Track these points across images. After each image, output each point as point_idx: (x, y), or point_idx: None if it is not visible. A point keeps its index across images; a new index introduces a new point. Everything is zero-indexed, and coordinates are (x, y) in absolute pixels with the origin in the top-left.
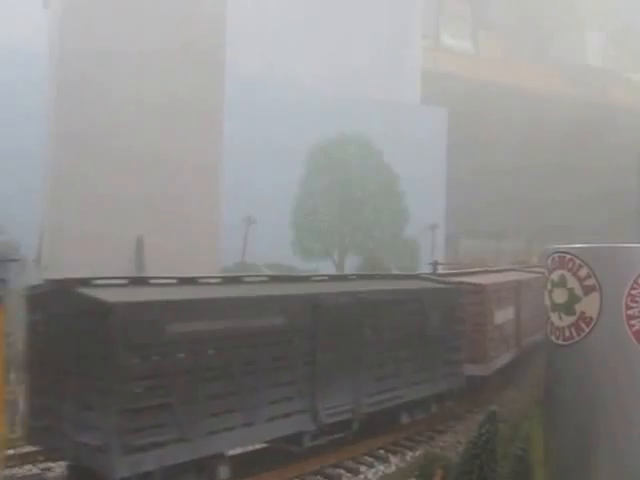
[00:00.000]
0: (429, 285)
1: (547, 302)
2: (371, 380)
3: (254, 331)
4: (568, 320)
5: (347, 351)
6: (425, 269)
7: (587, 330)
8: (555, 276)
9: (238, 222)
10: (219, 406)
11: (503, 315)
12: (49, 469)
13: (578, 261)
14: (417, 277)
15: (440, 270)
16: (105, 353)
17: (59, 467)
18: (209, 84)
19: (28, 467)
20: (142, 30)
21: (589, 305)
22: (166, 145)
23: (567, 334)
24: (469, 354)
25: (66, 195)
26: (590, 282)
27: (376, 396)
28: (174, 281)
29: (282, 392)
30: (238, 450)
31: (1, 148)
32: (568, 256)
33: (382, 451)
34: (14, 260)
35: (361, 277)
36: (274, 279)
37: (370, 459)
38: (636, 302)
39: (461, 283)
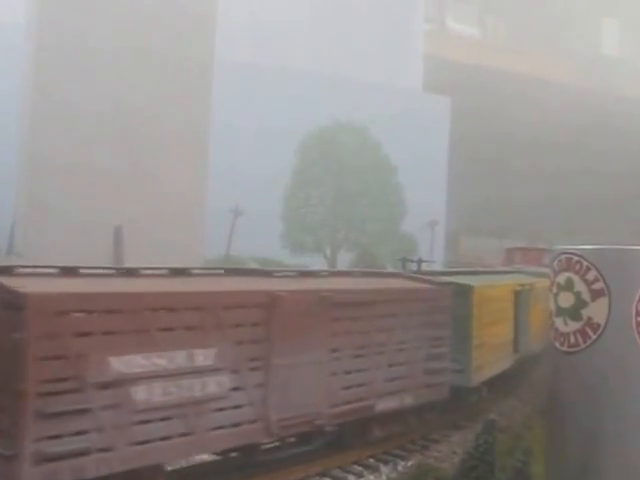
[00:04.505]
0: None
1: (552, 306)
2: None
3: None
4: (574, 326)
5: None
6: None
7: (594, 337)
8: (561, 279)
9: (225, 212)
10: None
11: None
12: None
13: (586, 263)
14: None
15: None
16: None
17: None
18: (198, 59)
19: None
20: None
21: (597, 310)
22: (151, 123)
23: (572, 340)
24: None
25: (42, 181)
26: (598, 286)
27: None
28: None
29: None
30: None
31: None
32: (575, 258)
33: (372, 460)
34: None
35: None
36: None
37: (359, 468)
38: None
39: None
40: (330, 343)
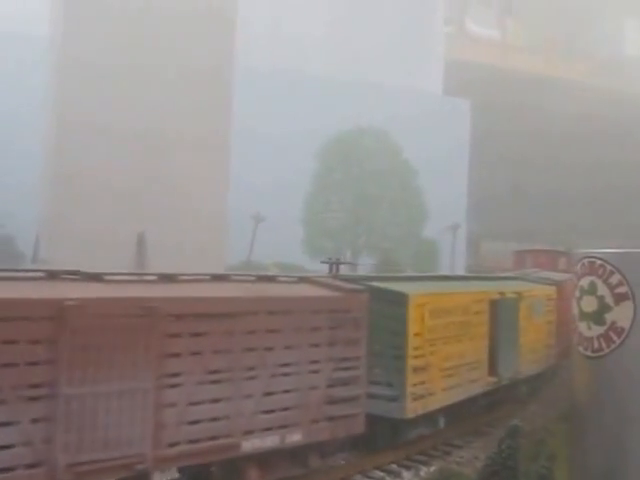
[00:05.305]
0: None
1: (575, 310)
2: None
3: None
4: (597, 330)
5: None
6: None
7: (618, 341)
8: (584, 283)
9: (246, 218)
10: None
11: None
12: None
13: (609, 267)
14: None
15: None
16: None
17: None
18: (218, 67)
19: None
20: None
21: (621, 315)
22: (171, 130)
23: (596, 345)
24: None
25: (65, 189)
26: (622, 290)
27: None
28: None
29: None
30: None
31: None
32: (599, 261)
33: (394, 465)
34: None
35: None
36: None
37: (381, 474)
38: None
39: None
40: (162, 366)
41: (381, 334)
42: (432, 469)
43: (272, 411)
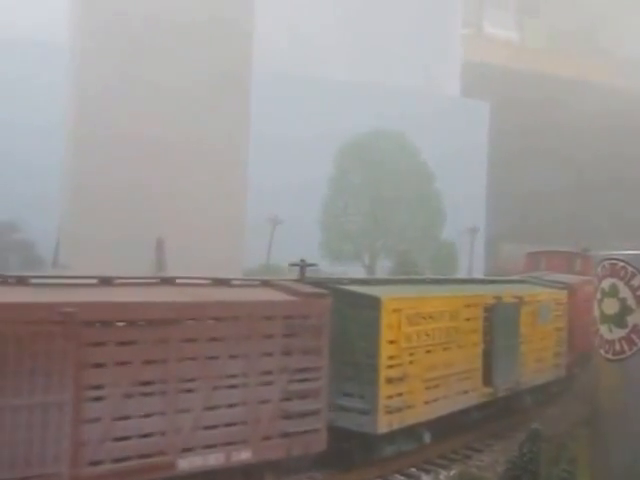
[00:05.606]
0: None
1: (596, 313)
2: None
3: None
4: (619, 333)
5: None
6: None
7: None
8: (605, 285)
9: (264, 222)
10: None
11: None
12: None
13: (631, 269)
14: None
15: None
16: None
17: None
18: (236, 73)
19: None
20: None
21: None
22: (189, 137)
23: (618, 348)
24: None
25: (85, 194)
26: None
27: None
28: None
29: None
30: None
31: (16, 143)
32: (620, 263)
33: (414, 469)
34: None
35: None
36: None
37: (401, 478)
38: None
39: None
40: (81, 378)
41: (354, 342)
42: (452, 473)
43: (215, 427)
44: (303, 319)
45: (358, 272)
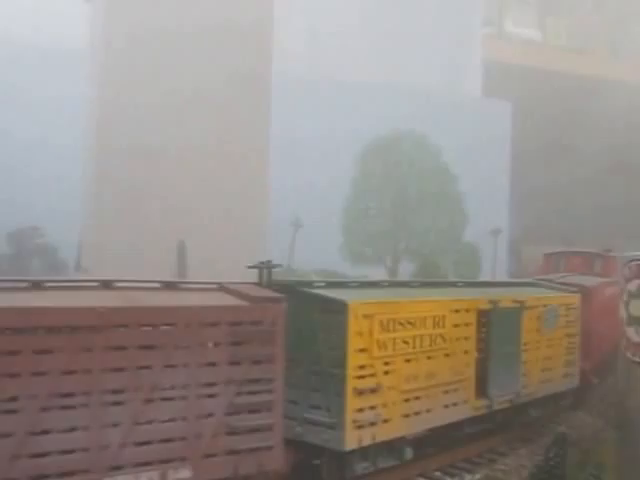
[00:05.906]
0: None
1: (623, 315)
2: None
3: None
4: None
5: None
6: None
7: None
8: (632, 286)
9: (285, 225)
10: None
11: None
12: None
13: None
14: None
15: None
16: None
17: None
18: (256, 76)
19: None
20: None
21: None
22: (210, 141)
23: None
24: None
25: (107, 200)
26: None
27: None
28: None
29: None
30: None
31: (38, 140)
32: None
33: (438, 473)
34: None
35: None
36: None
37: None
38: None
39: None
40: None
41: (321, 350)
42: (477, 477)
43: (148, 442)
44: (253, 325)
45: (380, 275)
